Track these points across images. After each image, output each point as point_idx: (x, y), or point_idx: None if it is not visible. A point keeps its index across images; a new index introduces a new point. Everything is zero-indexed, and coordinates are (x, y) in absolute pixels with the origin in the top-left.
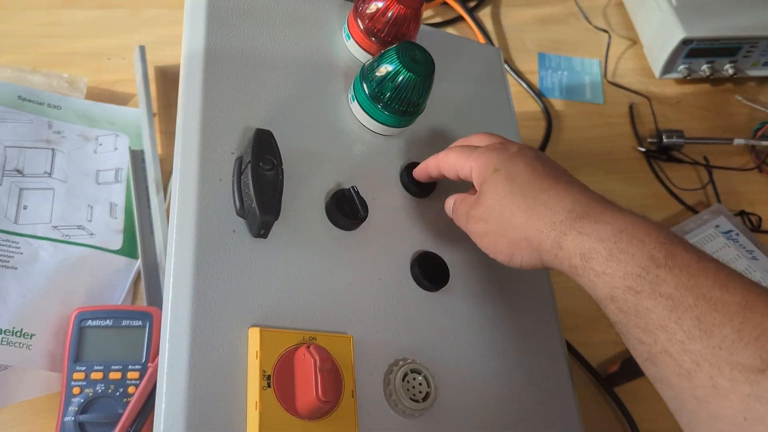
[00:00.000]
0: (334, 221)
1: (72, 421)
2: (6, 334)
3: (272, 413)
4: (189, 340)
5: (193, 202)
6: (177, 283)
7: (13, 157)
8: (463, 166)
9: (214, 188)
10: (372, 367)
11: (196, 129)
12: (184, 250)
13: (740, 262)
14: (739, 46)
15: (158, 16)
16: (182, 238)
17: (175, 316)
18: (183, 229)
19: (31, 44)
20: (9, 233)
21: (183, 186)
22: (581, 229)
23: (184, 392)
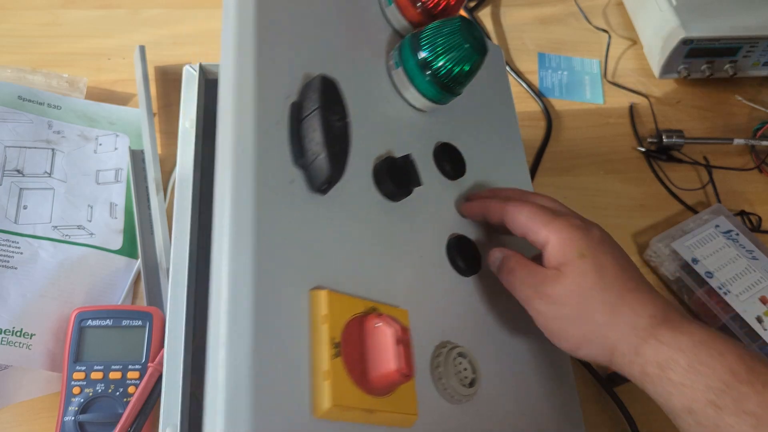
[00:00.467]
0: (383, 188)
1: (72, 421)
2: (6, 334)
3: (341, 384)
4: (252, 296)
5: (251, 144)
6: (237, 232)
7: (13, 157)
8: (537, 233)
9: (271, 132)
10: (419, 348)
11: (251, 66)
12: (243, 195)
13: (740, 262)
14: (739, 46)
15: (158, 16)
16: (240, 183)
17: (236, 269)
18: (241, 174)
19: (31, 44)
20: (9, 233)
21: (238, 127)
22: (661, 337)
23: (248, 358)
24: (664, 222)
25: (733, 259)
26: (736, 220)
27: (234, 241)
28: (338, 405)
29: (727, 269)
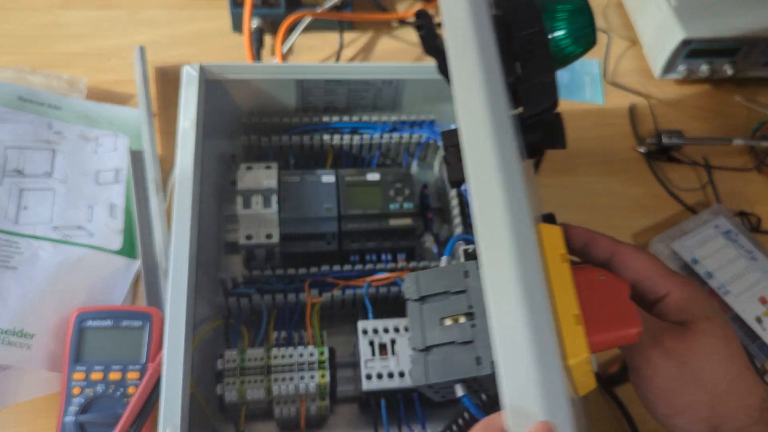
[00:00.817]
0: (528, 137)
1: (72, 421)
2: (6, 334)
3: (582, 334)
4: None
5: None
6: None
7: (13, 158)
8: (656, 282)
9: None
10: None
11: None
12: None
13: (740, 262)
14: (739, 47)
15: (158, 16)
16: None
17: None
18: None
19: (31, 44)
20: (9, 233)
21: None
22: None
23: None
24: (663, 222)
25: (733, 259)
26: (736, 220)
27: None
28: (587, 355)
29: (727, 269)
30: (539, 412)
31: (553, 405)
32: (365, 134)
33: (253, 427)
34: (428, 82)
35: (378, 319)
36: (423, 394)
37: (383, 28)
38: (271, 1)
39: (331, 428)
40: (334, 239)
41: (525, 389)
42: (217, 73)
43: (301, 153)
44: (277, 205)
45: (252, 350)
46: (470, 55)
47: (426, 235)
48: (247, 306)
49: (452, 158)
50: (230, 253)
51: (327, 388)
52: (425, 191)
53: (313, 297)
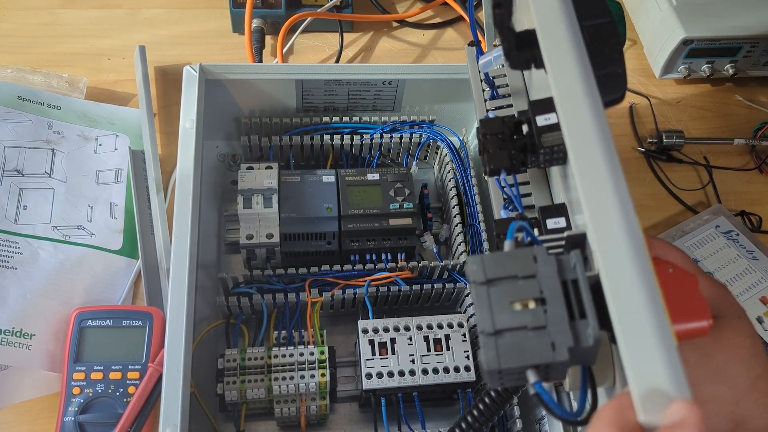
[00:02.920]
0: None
1: (72, 421)
2: (6, 334)
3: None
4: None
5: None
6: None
7: (13, 157)
8: (700, 285)
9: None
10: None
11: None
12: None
13: (740, 262)
14: (739, 46)
15: (158, 16)
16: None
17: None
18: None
19: (31, 44)
20: (9, 233)
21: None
22: None
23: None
24: (664, 222)
25: (734, 259)
26: (737, 220)
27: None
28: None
29: (728, 269)
30: (672, 393)
31: (683, 387)
32: (365, 134)
33: (253, 426)
34: (428, 82)
35: (378, 318)
36: (487, 380)
37: (383, 29)
38: (272, 1)
39: (331, 427)
40: (335, 239)
41: (655, 372)
42: (218, 73)
43: (301, 153)
44: (278, 205)
45: (252, 350)
46: (566, 43)
47: (426, 235)
48: (247, 306)
49: (491, 147)
50: (230, 253)
51: (327, 387)
52: (425, 191)
53: (313, 297)
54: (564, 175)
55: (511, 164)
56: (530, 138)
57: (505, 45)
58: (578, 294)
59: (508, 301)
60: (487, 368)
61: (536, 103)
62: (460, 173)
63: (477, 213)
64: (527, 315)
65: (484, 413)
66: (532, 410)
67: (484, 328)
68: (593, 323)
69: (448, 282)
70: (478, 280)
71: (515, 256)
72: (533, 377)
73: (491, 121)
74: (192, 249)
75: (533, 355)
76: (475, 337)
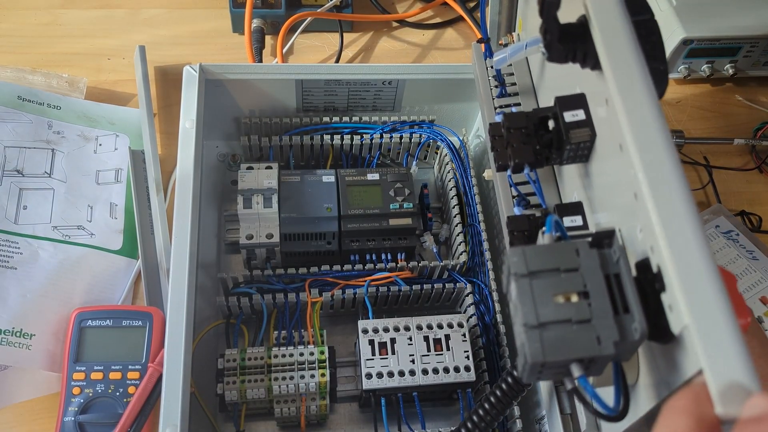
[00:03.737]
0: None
1: (72, 421)
2: (6, 334)
3: None
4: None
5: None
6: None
7: (13, 158)
8: None
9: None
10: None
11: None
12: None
13: (740, 262)
14: (739, 46)
15: (158, 16)
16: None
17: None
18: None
19: (31, 44)
20: (9, 233)
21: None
22: None
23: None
24: None
25: (734, 259)
26: (737, 220)
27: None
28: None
29: (728, 269)
30: (750, 386)
31: (756, 380)
32: (365, 134)
33: (253, 426)
34: (428, 82)
35: (378, 318)
36: (525, 374)
37: (383, 29)
38: (272, 1)
39: (331, 427)
40: (335, 239)
41: (732, 365)
42: (218, 73)
43: (301, 153)
44: (278, 205)
45: (252, 350)
46: (625, 38)
47: (426, 235)
48: (247, 306)
49: (516, 141)
50: (230, 253)
51: (327, 388)
52: (425, 191)
53: (313, 297)
54: (584, 174)
55: (535, 159)
56: (557, 134)
57: (548, 36)
58: (621, 288)
59: (551, 294)
60: (532, 361)
61: (563, 99)
62: (460, 173)
63: (477, 213)
64: (571, 308)
65: (489, 412)
66: (532, 410)
67: (528, 321)
68: (639, 318)
69: (448, 282)
70: (521, 272)
71: (557, 249)
72: (578, 371)
73: (515, 115)
74: (192, 249)
75: (579, 348)
76: (475, 337)
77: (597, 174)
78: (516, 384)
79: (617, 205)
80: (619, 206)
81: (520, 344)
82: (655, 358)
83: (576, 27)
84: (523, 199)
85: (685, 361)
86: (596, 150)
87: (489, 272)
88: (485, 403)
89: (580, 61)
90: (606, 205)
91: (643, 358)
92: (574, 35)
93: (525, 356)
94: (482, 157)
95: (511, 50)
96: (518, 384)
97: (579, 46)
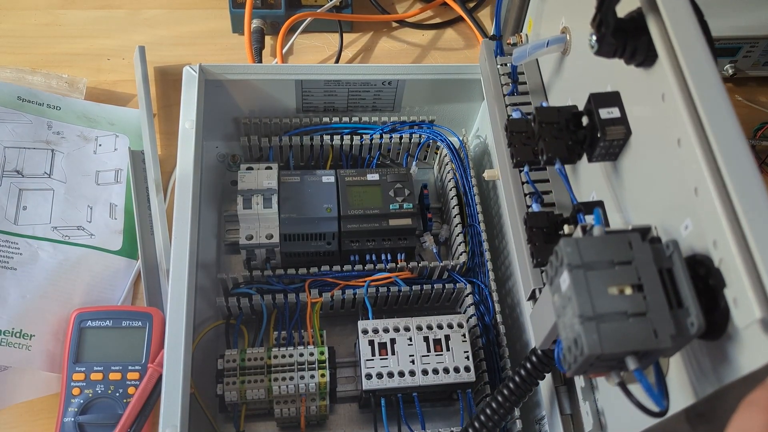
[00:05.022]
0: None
1: (72, 422)
2: (5, 335)
3: None
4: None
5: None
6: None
7: (13, 158)
8: None
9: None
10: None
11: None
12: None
13: None
14: (739, 46)
15: (158, 16)
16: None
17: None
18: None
19: (31, 44)
20: (8, 234)
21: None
22: None
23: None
24: None
25: None
26: None
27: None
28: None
29: None
30: None
31: None
32: (365, 135)
33: (253, 427)
34: (428, 83)
35: (378, 318)
36: (574, 367)
37: (383, 29)
38: (271, 1)
39: (331, 428)
40: (334, 239)
41: None
42: (218, 73)
43: (301, 154)
44: (278, 206)
45: (252, 350)
46: (695, 32)
47: (426, 235)
48: (247, 306)
49: (548, 135)
50: (230, 253)
51: (327, 388)
52: (425, 192)
53: (313, 297)
54: (610, 172)
55: (568, 154)
56: (591, 130)
57: (603, 29)
58: (673, 283)
59: (606, 286)
60: (589, 352)
61: (598, 96)
62: (460, 173)
63: (477, 213)
64: (626, 301)
65: (502, 405)
66: (532, 410)
67: (584, 312)
68: (696, 312)
69: (448, 282)
70: (574, 263)
71: (610, 241)
72: (633, 364)
73: (547, 109)
74: (192, 249)
75: (636, 341)
76: (475, 337)
77: (629, 171)
78: (530, 377)
79: (655, 203)
80: (657, 203)
81: (574, 336)
82: (694, 355)
83: (628, 22)
84: (539, 197)
85: (743, 356)
86: (630, 148)
87: (489, 272)
88: (504, 390)
89: (628, 56)
90: (638, 203)
91: (675, 355)
92: (627, 30)
93: (581, 348)
94: (482, 158)
95: (532, 47)
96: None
97: (630, 41)
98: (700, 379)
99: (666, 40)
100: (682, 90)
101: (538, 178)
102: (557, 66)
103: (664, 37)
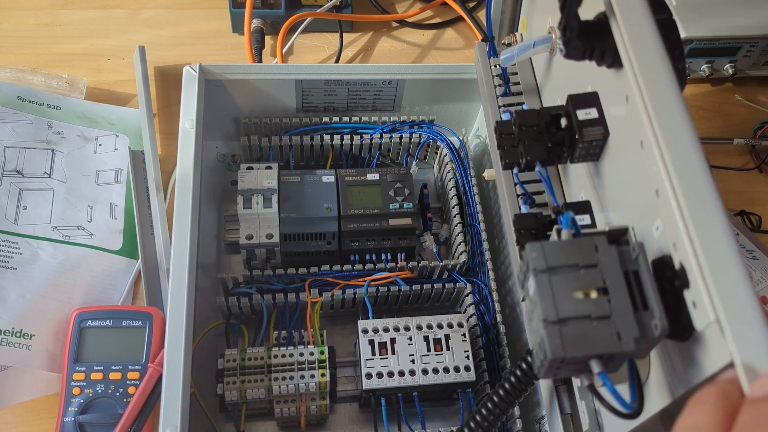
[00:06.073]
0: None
1: (72, 421)
2: (6, 334)
3: None
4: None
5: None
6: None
7: (13, 158)
8: None
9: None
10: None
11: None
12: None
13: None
14: (739, 46)
15: (158, 16)
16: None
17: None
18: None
19: (31, 44)
20: (8, 234)
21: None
22: None
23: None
24: None
25: None
26: (736, 220)
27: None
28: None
29: None
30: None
31: None
32: (365, 134)
33: (253, 426)
34: (428, 82)
35: (378, 318)
36: (543, 371)
37: (383, 29)
38: (271, 1)
39: (331, 427)
40: (334, 239)
41: (754, 347)
42: (218, 73)
43: (301, 153)
44: (278, 206)
45: (252, 350)
46: (652, 36)
47: (426, 235)
48: (247, 306)
49: (528, 138)
50: (230, 253)
51: (327, 388)
52: (425, 191)
53: (313, 297)
54: (593, 172)
55: (547, 157)
56: (569, 132)
57: (568, 33)
58: (639, 285)
59: (571, 290)
60: (552, 356)
61: (576, 97)
62: (460, 173)
63: (477, 213)
64: (591, 304)
65: (498, 405)
66: (532, 410)
67: (548, 316)
68: (659, 314)
69: (448, 282)
70: (540, 267)
71: (576, 245)
72: (597, 367)
73: (527, 112)
74: (192, 249)
75: (599, 344)
76: (475, 337)
77: (609, 172)
78: (525, 377)
79: (631, 204)
80: (633, 204)
81: (539, 340)
82: (669, 356)
83: (594, 24)
84: (529, 198)
85: (707, 358)
86: (609, 148)
87: (489, 272)
88: (494, 396)
89: (597, 58)
90: (617, 204)
91: (654, 356)
92: (593, 32)
93: (545, 352)
94: (482, 157)
95: (519, 48)
96: (527, 377)
97: (597, 43)
98: (674, 380)
99: (623, 43)
100: (639, 92)
101: (531, 179)
102: (547, 66)
103: (621, 40)
